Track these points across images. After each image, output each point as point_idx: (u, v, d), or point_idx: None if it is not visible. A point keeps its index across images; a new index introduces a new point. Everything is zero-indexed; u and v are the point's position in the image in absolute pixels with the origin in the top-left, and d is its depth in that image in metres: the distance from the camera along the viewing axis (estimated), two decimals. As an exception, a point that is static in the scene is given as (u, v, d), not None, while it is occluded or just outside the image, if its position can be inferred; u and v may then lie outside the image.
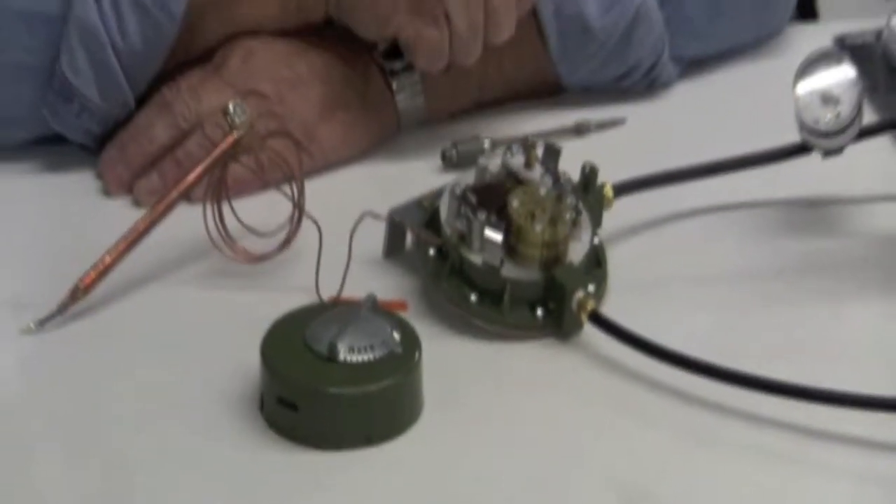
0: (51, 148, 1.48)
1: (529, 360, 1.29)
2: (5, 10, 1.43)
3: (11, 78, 1.46)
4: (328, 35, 1.50)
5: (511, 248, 1.30)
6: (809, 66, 1.38)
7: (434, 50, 1.45)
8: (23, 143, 1.49)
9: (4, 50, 1.44)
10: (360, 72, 1.50)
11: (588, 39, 1.53)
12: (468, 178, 1.34)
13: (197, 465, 1.18)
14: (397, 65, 1.50)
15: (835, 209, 1.45)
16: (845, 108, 1.37)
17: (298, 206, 1.35)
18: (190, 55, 1.48)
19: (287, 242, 1.35)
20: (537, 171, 1.33)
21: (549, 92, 1.56)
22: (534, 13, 1.50)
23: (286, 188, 1.35)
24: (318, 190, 1.39)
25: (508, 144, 1.36)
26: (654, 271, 1.37)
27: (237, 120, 1.36)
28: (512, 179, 1.33)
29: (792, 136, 1.39)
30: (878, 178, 1.45)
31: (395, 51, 1.49)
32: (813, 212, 1.45)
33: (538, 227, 1.29)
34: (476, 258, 1.30)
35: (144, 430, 1.21)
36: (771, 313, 1.33)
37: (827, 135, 1.38)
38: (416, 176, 1.46)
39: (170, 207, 1.36)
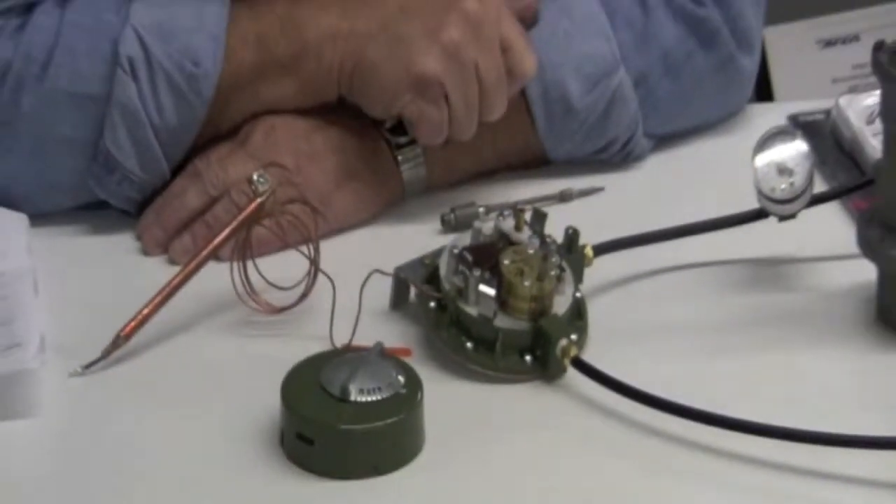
0: (96, 212, 1.48)
1: (519, 400, 1.29)
2: (56, 91, 1.43)
3: (61, 151, 1.45)
4: (341, 112, 1.49)
5: (503, 301, 1.30)
6: (766, 141, 1.39)
7: (435, 127, 1.45)
8: (71, 208, 1.48)
9: (54, 126, 1.44)
10: (370, 146, 1.49)
11: (571, 118, 1.52)
12: (465, 239, 1.34)
13: (223, 493, 1.19)
14: (402, 140, 1.49)
15: (789, 267, 1.44)
16: (798, 179, 1.38)
17: (314, 264, 1.35)
18: (219, 131, 1.47)
19: (304, 296, 1.35)
20: (526, 234, 1.34)
21: (536, 163, 1.55)
22: (522, 94, 1.50)
23: (304, 248, 1.36)
24: (332, 249, 1.39)
25: (500, 210, 1.38)
26: (630, 322, 1.37)
27: (260, 188, 1.36)
28: (504, 241, 1.33)
29: (751, 203, 1.40)
30: (828, 240, 1.44)
31: (399, 127, 1.48)
32: (770, 269, 1.44)
33: (527, 283, 1.30)
34: (472, 310, 1.30)
35: (177, 461, 1.22)
36: (733, 359, 1.33)
37: (782, 202, 1.38)
38: (418, 237, 1.45)
39: (201, 265, 1.36)
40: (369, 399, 1.21)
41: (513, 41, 1.45)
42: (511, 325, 1.30)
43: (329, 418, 1.20)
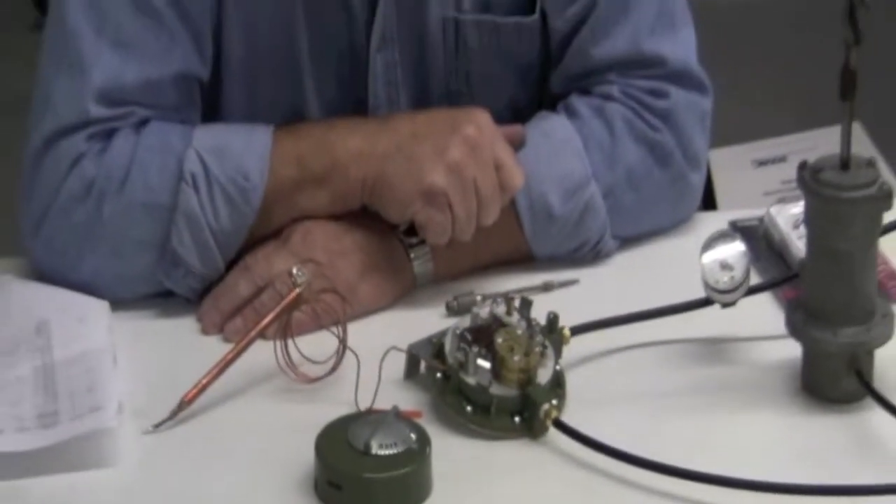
0: (164, 299, 1.48)
1: (510, 454, 1.29)
2: (132, 202, 1.43)
3: (136, 251, 1.45)
4: (364, 217, 1.48)
5: (496, 372, 1.30)
6: (711, 242, 1.39)
7: (440, 230, 1.44)
8: (144, 296, 1.47)
9: (131, 231, 1.44)
10: (388, 245, 1.49)
11: (552, 224, 1.51)
12: (465, 322, 1.34)
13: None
14: (413, 240, 1.48)
15: (731, 345, 1.44)
16: (738, 273, 1.38)
17: (343, 343, 1.35)
18: (265, 234, 1.47)
19: (334, 369, 1.35)
20: (515, 318, 1.34)
21: (523, 260, 1.53)
22: (512, 204, 1.49)
23: (334, 329, 1.36)
24: (357, 330, 1.38)
25: (494, 298, 1.37)
26: (601, 390, 1.37)
27: (299, 280, 1.37)
28: (497, 323, 1.33)
29: (699, 293, 1.39)
30: (762, 323, 1.43)
31: (411, 230, 1.48)
32: (715, 347, 1.43)
33: (516, 358, 1.30)
34: (471, 380, 1.30)
35: (230, 502, 1.24)
36: (687, 420, 1.33)
37: (724, 292, 1.38)
38: (427, 320, 1.44)
39: (250, 343, 1.36)
40: (387, 453, 1.22)
41: (504, 160, 1.45)
42: (503, 393, 1.30)
43: (354, 468, 1.21)
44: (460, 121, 1.46)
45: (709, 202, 1.86)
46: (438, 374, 1.34)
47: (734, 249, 1.39)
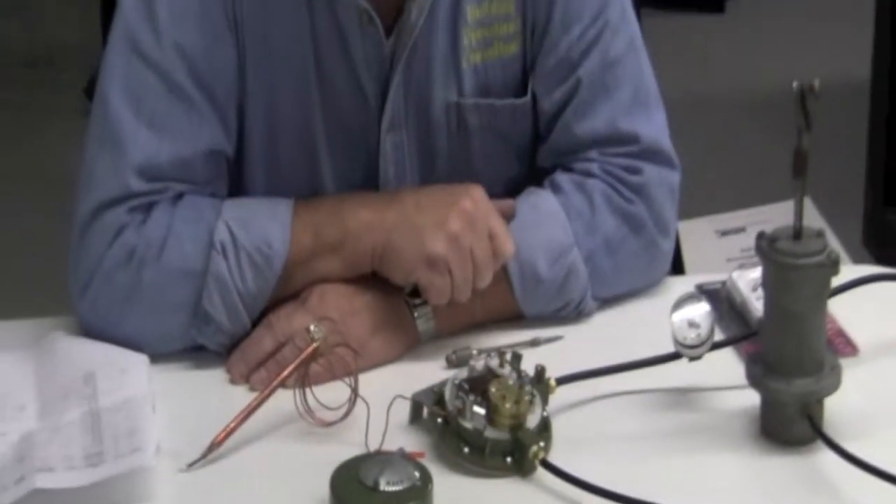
0: (197, 353, 1.47)
1: (502, 490, 1.29)
2: (170, 269, 1.43)
3: (172, 311, 1.44)
4: (374, 281, 1.48)
5: (490, 418, 1.31)
6: (680, 303, 1.39)
7: (441, 292, 1.44)
8: (179, 352, 1.47)
9: (168, 293, 1.44)
10: (395, 306, 1.48)
11: (539, 286, 1.50)
12: (463, 373, 1.34)
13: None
14: (417, 301, 1.48)
15: (697, 394, 1.43)
16: (703, 331, 1.38)
17: (355, 392, 1.35)
18: (286, 295, 1.47)
19: (347, 414, 1.35)
20: (507, 369, 1.34)
21: (514, 318, 1.52)
22: (504, 269, 1.48)
23: (347, 380, 1.36)
24: (368, 380, 1.38)
25: (488, 352, 1.38)
26: (584, 434, 1.36)
27: (315, 336, 1.37)
28: (491, 374, 1.33)
29: (669, 348, 1.39)
30: (725, 375, 1.43)
31: (415, 292, 1.47)
32: (683, 396, 1.43)
33: (507, 406, 1.30)
34: (468, 424, 1.30)
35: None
36: (659, 461, 1.33)
37: (692, 347, 1.38)
38: (429, 372, 1.44)
39: (272, 392, 1.36)
40: (394, 489, 1.22)
41: (497, 231, 1.45)
42: (496, 436, 1.30)
43: (365, 503, 1.21)
44: (458, 196, 1.46)
45: (677, 268, 1.86)
46: (439, 420, 1.34)
47: (700, 310, 1.39)
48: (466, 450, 1.31)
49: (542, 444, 1.31)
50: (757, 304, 1.46)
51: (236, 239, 1.44)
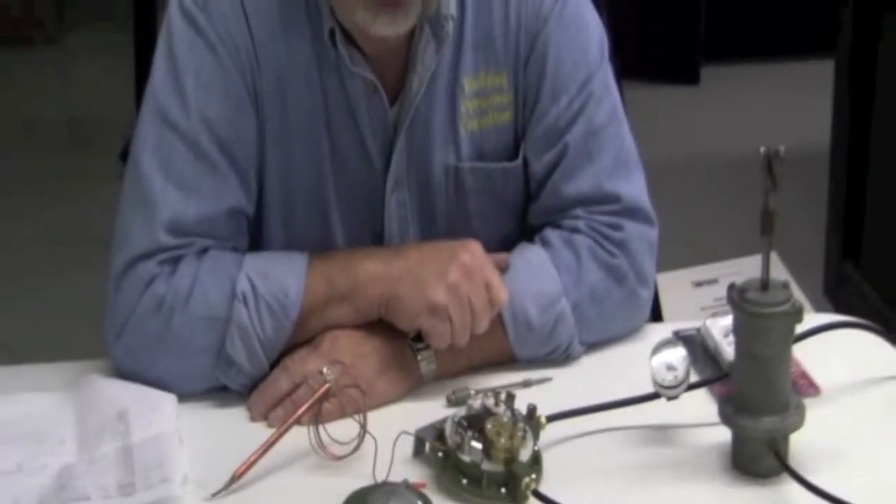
0: (221, 393, 1.47)
1: (497, 518, 1.29)
2: (196, 317, 1.43)
3: (198, 355, 1.44)
4: (381, 327, 1.48)
5: (486, 452, 1.30)
6: (658, 348, 1.39)
7: (442, 337, 1.44)
8: (204, 392, 1.46)
9: (194, 338, 1.44)
10: (400, 350, 1.48)
11: (531, 333, 1.50)
12: (462, 411, 1.34)
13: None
14: (420, 346, 1.48)
15: (675, 430, 1.42)
16: (680, 373, 1.38)
17: (363, 428, 1.35)
18: (301, 341, 1.47)
19: (356, 449, 1.34)
20: (502, 408, 1.33)
21: (508, 361, 1.52)
22: (499, 318, 1.48)
23: (356, 417, 1.36)
24: (375, 417, 1.38)
25: (485, 392, 1.37)
26: (572, 466, 1.36)
27: (328, 378, 1.37)
28: (487, 413, 1.33)
29: (648, 388, 1.39)
30: (699, 413, 1.42)
31: (419, 337, 1.47)
32: (661, 432, 1.42)
33: (502, 441, 1.30)
34: (466, 458, 1.30)
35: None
36: (640, 492, 1.33)
37: (669, 388, 1.38)
38: (431, 410, 1.43)
39: (289, 428, 1.36)
40: (399, 517, 1.21)
41: (493, 281, 1.46)
42: (492, 468, 1.30)
43: (372, 530, 1.21)
44: (457, 250, 1.46)
45: (656, 315, 1.85)
46: (440, 454, 1.33)
47: (677, 354, 1.39)
48: (465, 481, 1.31)
49: (533, 475, 1.30)
50: (728, 349, 1.46)
51: (256, 289, 1.44)
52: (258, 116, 1.50)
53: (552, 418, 1.39)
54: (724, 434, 1.37)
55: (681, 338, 1.51)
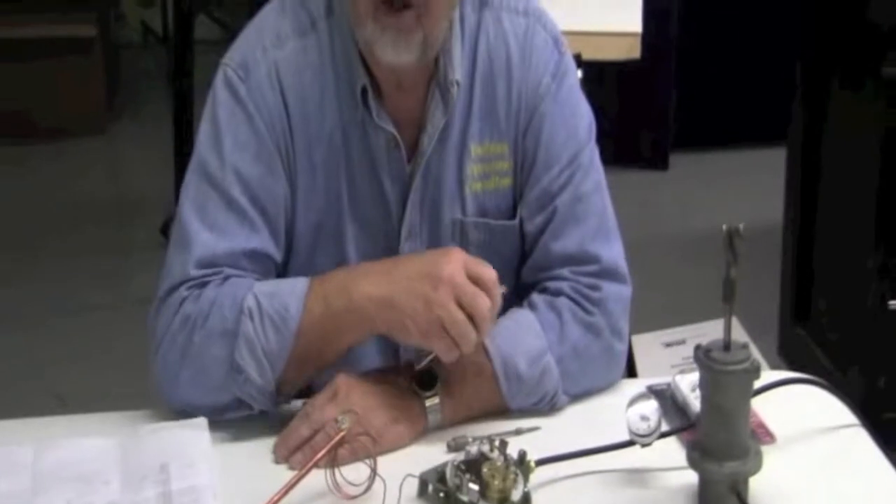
0: (251, 442, 1.45)
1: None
2: (213, 331, 1.44)
3: (215, 364, 1.44)
4: (392, 377, 1.47)
5: (482, 493, 1.31)
6: (633, 400, 1.39)
7: (446, 352, 1.41)
8: (235, 437, 1.45)
9: (211, 349, 1.44)
10: (408, 401, 1.47)
11: (520, 384, 1.49)
12: (461, 456, 1.34)
13: None
14: (426, 394, 1.46)
15: (648, 474, 1.42)
16: (653, 423, 1.38)
17: (373, 471, 1.34)
18: (306, 354, 1.44)
19: (367, 489, 1.34)
20: (496, 454, 1.33)
21: (501, 412, 1.50)
22: (493, 373, 1.47)
23: (367, 461, 1.35)
24: (384, 461, 1.37)
25: (481, 439, 1.36)
26: None
27: (342, 426, 1.36)
28: (483, 457, 1.33)
29: (624, 436, 1.39)
30: (670, 458, 1.41)
31: (424, 383, 1.47)
32: (636, 475, 1.41)
33: (496, 483, 1.30)
34: (465, 498, 1.30)
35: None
36: None
37: (643, 436, 1.38)
38: (434, 455, 1.43)
39: (308, 471, 1.35)
40: (405, 550, 1.21)
41: (475, 290, 1.41)
42: (487, 508, 1.29)
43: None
44: (441, 265, 1.42)
45: (631, 372, 1.86)
46: (441, 494, 1.33)
47: (650, 406, 1.39)
48: (463, 518, 1.30)
49: (523, 513, 1.29)
50: (695, 402, 1.45)
51: (261, 306, 1.44)
52: (290, 179, 1.51)
53: (540, 462, 1.39)
54: (691, 477, 1.37)
55: (653, 392, 1.50)
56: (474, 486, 1.31)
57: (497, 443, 1.35)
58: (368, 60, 1.47)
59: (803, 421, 1.51)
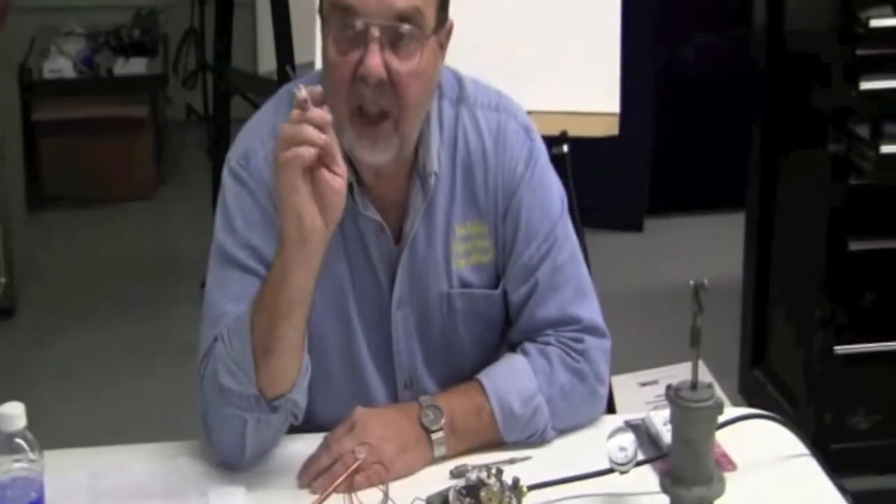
0: (280, 470, 1.44)
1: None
2: (219, 361, 1.40)
3: (218, 391, 1.41)
4: (407, 413, 1.46)
5: None
6: (613, 433, 1.39)
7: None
8: (269, 470, 1.43)
9: (217, 376, 1.41)
10: (416, 435, 1.46)
11: (515, 421, 1.49)
12: (462, 482, 1.34)
13: None
14: (433, 428, 1.45)
15: (626, 497, 1.41)
16: (630, 453, 1.38)
17: (386, 495, 1.35)
18: (272, 345, 1.38)
19: None
20: (493, 480, 1.33)
21: (497, 444, 1.50)
22: (491, 412, 1.47)
23: (381, 487, 1.35)
24: (395, 487, 1.38)
25: (479, 468, 1.36)
26: None
27: (358, 456, 1.38)
28: (482, 483, 1.33)
29: (605, 464, 1.39)
30: (645, 483, 1.41)
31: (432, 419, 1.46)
32: (616, 499, 1.40)
33: (493, 505, 1.30)
34: (466, 518, 1.30)
35: None
36: None
37: (622, 465, 1.38)
38: (438, 481, 1.42)
39: (328, 495, 1.36)
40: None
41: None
42: (485, 527, 1.28)
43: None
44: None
45: (611, 409, 1.85)
46: (445, 516, 1.33)
47: (628, 438, 1.39)
48: (465, 536, 1.29)
49: (517, 532, 1.28)
50: (667, 435, 1.44)
51: (229, 329, 1.41)
52: None
53: (532, 488, 1.38)
54: (663, 501, 1.36)
55: (630, 426, 1.50)
56: (474, 508, 1.31)
57: (494, 471, 1.35)
58: (350, 156, 1.43)
59: (761, 451, 1.51)
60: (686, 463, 1.33)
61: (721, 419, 1.35)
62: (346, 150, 1.39)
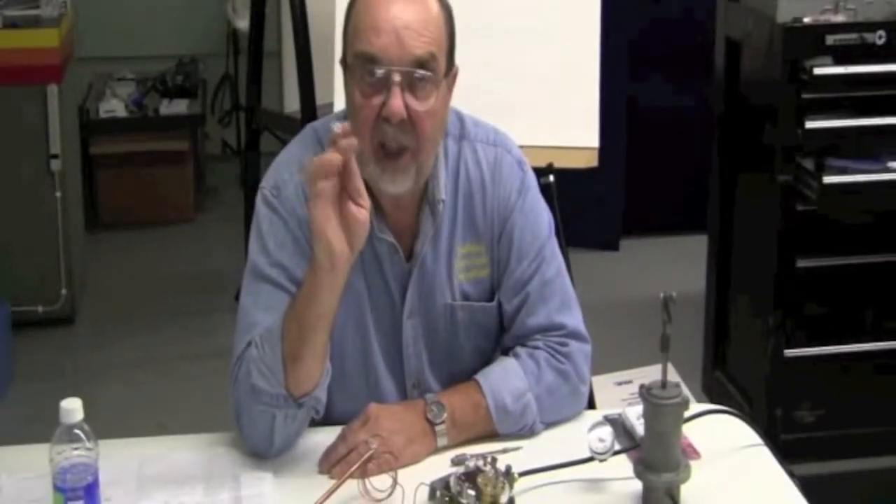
0: (304, 461, 1.43)
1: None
2: (250, 363, 1.39)
3: (249, 389, 1.40)
4: (411, 409, 1.44)
5: (478, 497, 1.30)
6: (593, 426, 1.39)
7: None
8: (294, 458, 1.42)
9: (250, 376, 1.39)
10: (422, 427, 1.45)
11: (507, 416, 1.47)
12: (461, 469, 1.33)
13: None
14: (436, 422, 1.44)
15: (604, 483, 1.40)
16: (608, 443, 1.38)
17: (395, 480, 1.34)
18: (303, 353, 1.37)
19: (390, 494, 1.34)
20: (488, 467, 1.32)
21: (492, 436, 1.47)
22: (487, 408, 1.45)
23: (391, 473, 1.34)
24: (403, 473, 1.37)
25: (477, 456, 1.35)
26: None
27: (371, 446, 1.36)
28: (478, 470, 1.32)
29: (586, 453, 1.38)
30: (621, 470, 1.40)
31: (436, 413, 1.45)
32: (595, 484, 1.40)
33: (488, 489, 1.30)
34: (464, 501, 1.30)
35: None
36: None
37: (601, 454, 1.38)
38: (441, 468, 1.40)
39: (345, 481, 1.35)
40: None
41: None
42: (481, 509, 1.27)
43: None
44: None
45: (591, 405, 1.85)
46: (447, 498, 1.32)
47: (606, 431, 1.39)
48: (463, 517, 1.28)
49: (510, 515, 1.27)
50: (640, 427, 1.44)
51: (262, 337, 1.40)
52: None
53: (523, 474, 1.38)
54: (636, 485, 1.36)
55: (608, 420, 1.50)
56: (471, 492, 1.31)
57: (489, 459, 1.34)
58: (372, 188, 1.41)
59: (721, 442, 1.50)
60: (656, 452, 1.33)
61: (687, 414, 1.35)
62: (368, 181, 1.38)
